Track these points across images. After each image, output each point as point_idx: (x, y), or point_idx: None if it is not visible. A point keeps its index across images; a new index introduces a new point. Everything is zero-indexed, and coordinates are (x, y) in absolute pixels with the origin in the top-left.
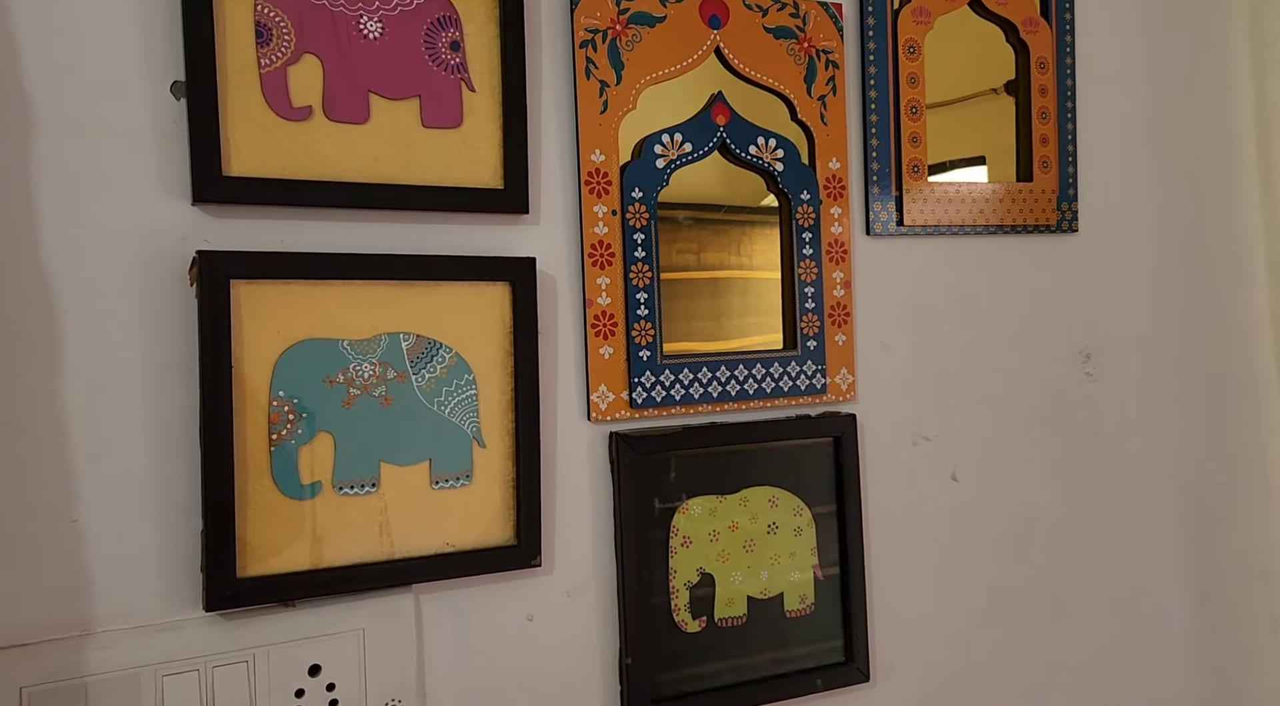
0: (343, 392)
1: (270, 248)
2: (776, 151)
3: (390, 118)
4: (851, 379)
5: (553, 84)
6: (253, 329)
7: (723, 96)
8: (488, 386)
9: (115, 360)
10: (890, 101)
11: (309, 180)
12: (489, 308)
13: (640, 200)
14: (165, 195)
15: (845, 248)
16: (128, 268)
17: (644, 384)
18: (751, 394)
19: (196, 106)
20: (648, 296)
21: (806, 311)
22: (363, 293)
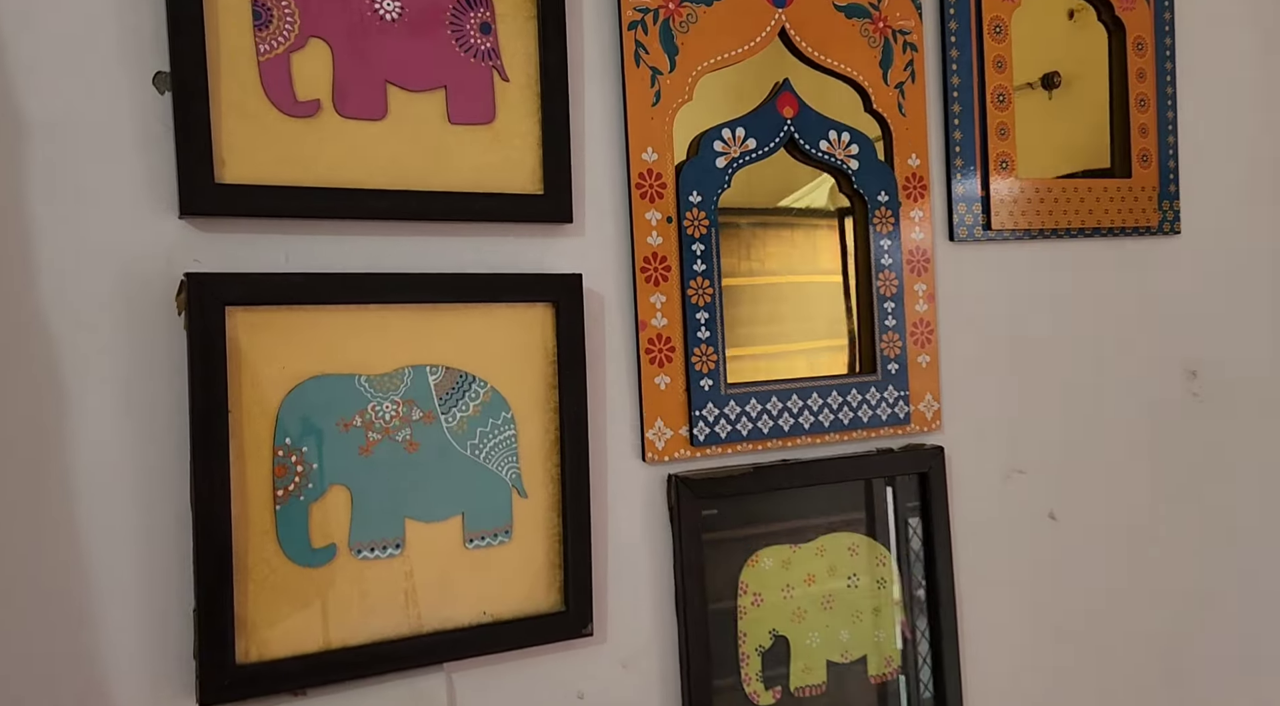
0: (360, 438)
1: (272, 267)
2: (850, 147)
3: (411, 113)
4: (937, 406)
5: (597, 72)
6: (253, 365)
7: (789, 85)
8: (528, 425)
9: (88, 406)
10: (974, 88)
11: (317, 187)
12: (528, 333)
13: (699, 205)
14: (147, 207)
15: (927, 256)
16: (102, 295)
17: (706, 418)
18: (827, 426)
19: (183, 102)
20: (709, 316)
21: (887, 329)
22: (382, 319)
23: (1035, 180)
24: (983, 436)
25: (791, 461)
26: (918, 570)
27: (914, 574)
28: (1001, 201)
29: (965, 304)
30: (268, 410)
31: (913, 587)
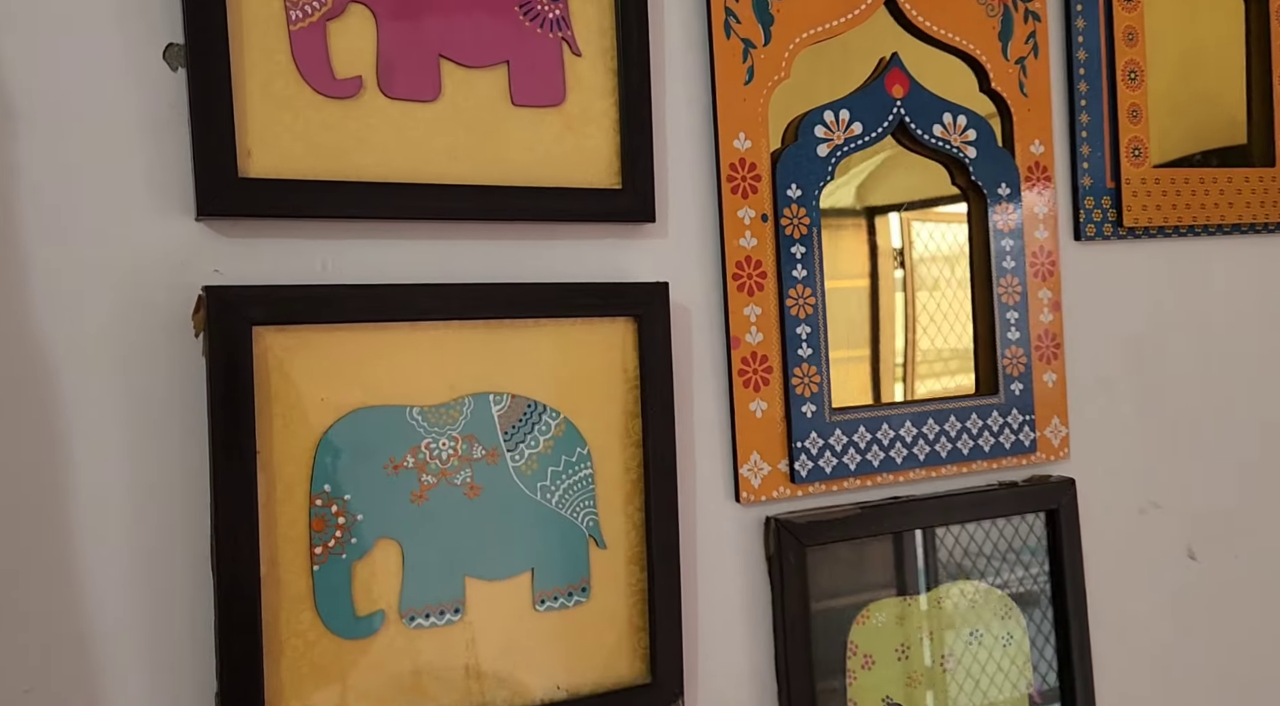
0: (412, 482)
1: (307, 278)
2: (967, 132)
3: (469, 93)
4: (1065, 431)
5: (681, 45)
6: (285, 396)
7: (899, 60)
8: (607, 462)
9: (88, 448)
10: (1103, 64)
11: (358, 182)
12: (606, 353)
13: (798, 200)
14: (157, 207)
15: (1053, 258)
16: (103, 314)
17: (809, 450)
18: (944, 457)
19: (200, 80)
20: (811, 330)
21: (1010, 343)
22: (437, 339)
23: (1174, 170)
24: (1115, 465)
25: (902, 499)
26: (1046, 622)
27: (1041, 627)
28: (1135, 194)
29: (1094, 313)
30: (303, 451)
31: (1041, 644)
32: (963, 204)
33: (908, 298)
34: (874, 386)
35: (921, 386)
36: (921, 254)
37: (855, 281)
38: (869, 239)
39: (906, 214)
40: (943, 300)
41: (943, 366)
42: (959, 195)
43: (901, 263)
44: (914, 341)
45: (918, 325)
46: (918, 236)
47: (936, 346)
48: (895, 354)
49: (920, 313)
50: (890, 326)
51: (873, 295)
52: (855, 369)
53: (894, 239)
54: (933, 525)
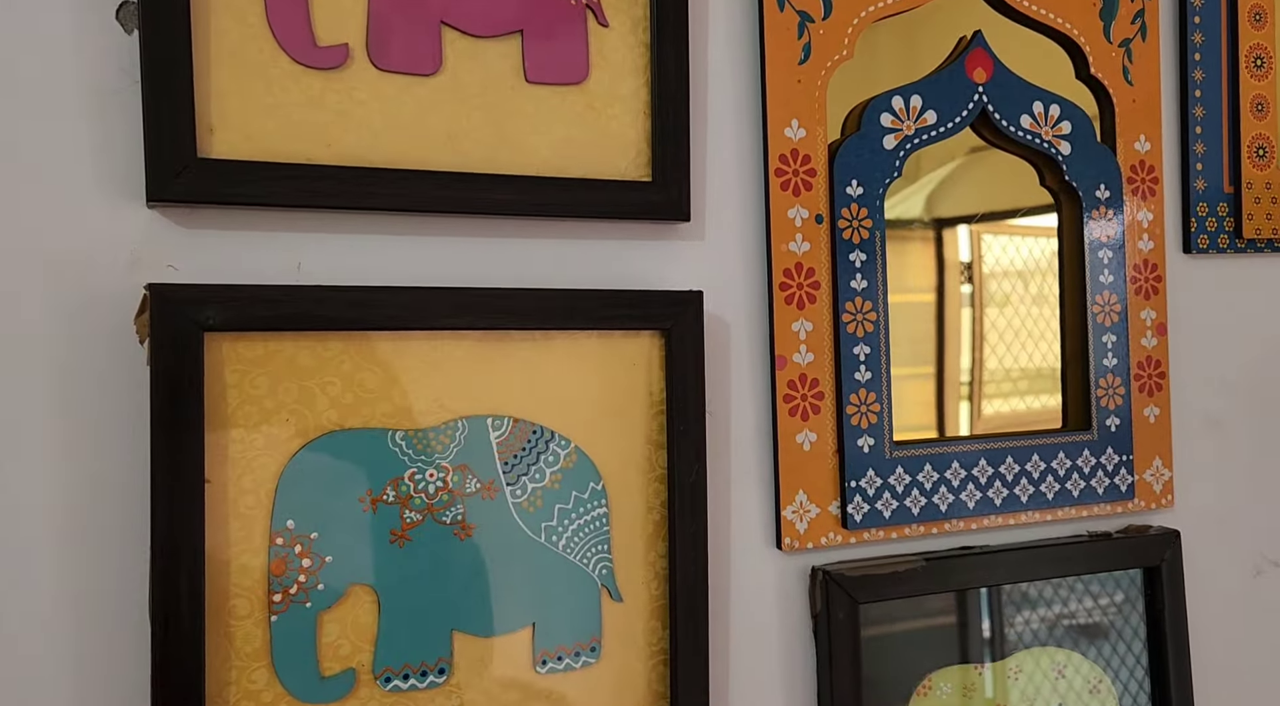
0: (393, 519)
1: (277, 277)
2: (1061, 124)
3: (474, 66)
4: (1168, 475)
5: (726, 16)
6: (243, 415)
7: (982, 39)
8: (625, 501)
9: (12, 473)
10: (1223, 51)
11: (342, 166)
12: (628, 372)
13: (859, 200)
14: (101, 190)
15: (1159, 273)
16: (36, 315)
17: (865, 490)
18: (1025, 502)
19: (156, 42)
20: (871, 351)
21: (1105, 371)
22: (427, 350)
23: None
24: (1226, 517)
25: (974, 550)
26: (1142, 698)
27: (1139, 700)
28: (1257, 201)
29: (1205, 338)
30: (263, 480)
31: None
32: (1044, 216)
33: (975, 314)
34: (938, 406)
35: (989, 406)
36: (992, 268)
37: (919, 295)
38: (935, 251)
39: (977, 226)
40: (1014, 317)
41: (1011, 387)
42: (1046, 205)
43: (970, 277)
44: (981, 360)
45: (985, 344)
46: (988, 250)
47: (1005, 366)
48: (961, 373)
49: (989, 330)
50: (955, 344)
51: (938, 311)
52: (918, 387)
53: (963, 252)
54: (1009, 581)
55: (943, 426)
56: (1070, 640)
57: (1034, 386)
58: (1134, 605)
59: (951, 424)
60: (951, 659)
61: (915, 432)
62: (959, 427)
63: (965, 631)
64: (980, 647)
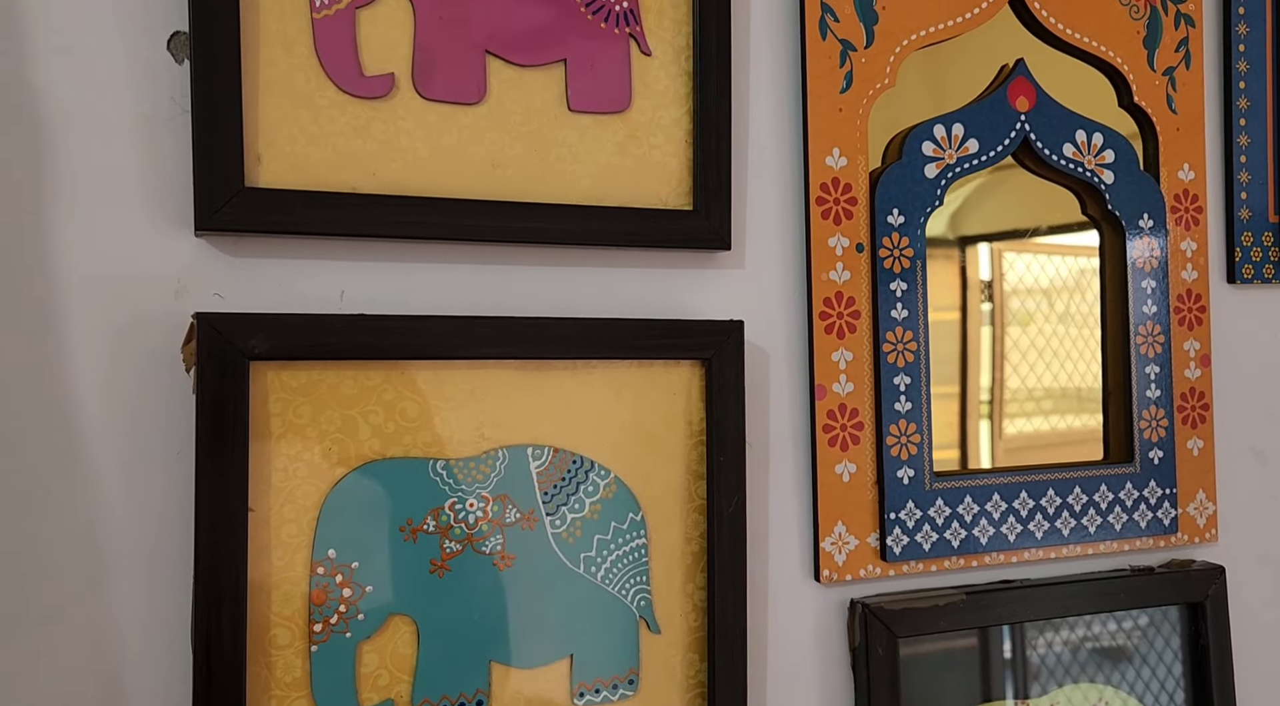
0: (433, 549)
1: (322, 306)
2: (1104, 153)
3: (518, 95)
4: (1212, 509)
5: (768, 45)
6: (287, 445)
7: (1024, 68)
8: (664, 531)
9: (61, 501)
10: (1269, 78)
11: (387, 195)
12: (668, 402)
13: (900, 229)
14: (150, 219)
15: (1202, 303)
16: (85, 342)
17: (904, 522)
18: (1067, 535)
19: (206, 73)
20: (912, 381)
21: (1148, 402)
22: (469, 380)
23: None
24: (1272, 552)
25: (1015, 584)
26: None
27: None
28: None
29: (1250, 369)
30: (305, 509)
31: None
32: (1071, 234)
33: (996, 332)
34: (960, 425)
35: (1010, 426)
36: (1015, 286)
37: (943, 314)
38: (960, 269)
39: (998, 245)
40: (1037, 336)
41: (1035, 406)
42: (1076, 223)
43: (990, 295)
44: (1001, 379)
45: (1006, 363)
46: (1010, 268)
47: (1029, 385)
48: (981, 391)
49: (1010, 349)
50: (977, 362)
51: (962, 329)
52: (942, 407)
53: (983, 270)
54: (1051, 616)
55: (965, 445)
56: (1111, 676)
57: (1059, 406)
58: (1176, 641)
59: (973, 443)
60: (991, 694)
61: (937, 452)
62: (979, 447)
63: (1005, 666)
64: (1020, 682)
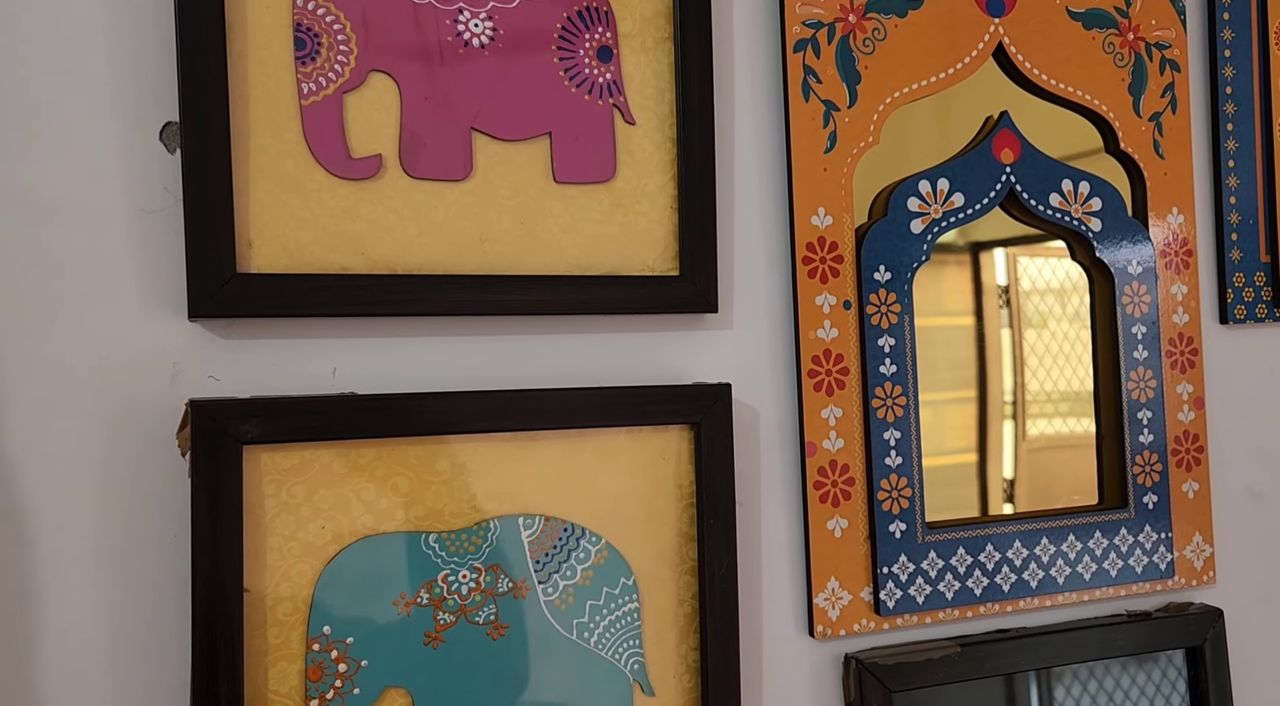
0: (426, 621)
1: (315, 383)
2: (1091, 201)
3: (505, 170)
4: (1209, 551)
5: (752, 109)
6: (281, 524)
7: (1009, 120)
8: (656, 594)
9: (59, 581)
10: (1257, 119)
11: (376, 275)
12: (658, 466)
13: (887, 285)
14: (144, 306)
15: (1194, 346)
16: (82, 425)
17: (897, 576)
18: (1062, 583)
19: (197, 162)
20: (901, 436)
21: (1141, 448)
22: (459, 453)
23: None
24: (1271, 593)
25: (1010, 633)
26: None
27: None
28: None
29: (1244, 410)
30: (300, 587)
31: None
32: None
33: (1015, 337)
34: (980, 428)
35: (1033, 427)
36: (1029, 289)
37: (958, 319)
38: (973, 274)
39: (1013, 249)
40: (1050, 341)
41: (1053, 408)
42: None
43: (1007, 301)
44: (1023, 383)
45: (1025, 368)
46: (1024, 272)
47: (1046, 389)
48: (1004, 394)
49: (1029, 354)
50: (997, 367)
51: (978, 334)
52: (960, 411)
53: (999, 275)
54: (1048, 665)
55: (984, 448)
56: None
57: (1075, 408)
58: (1181, 685)
59: (994, 446)
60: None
61: (957, 456)
62: (1002, 449)
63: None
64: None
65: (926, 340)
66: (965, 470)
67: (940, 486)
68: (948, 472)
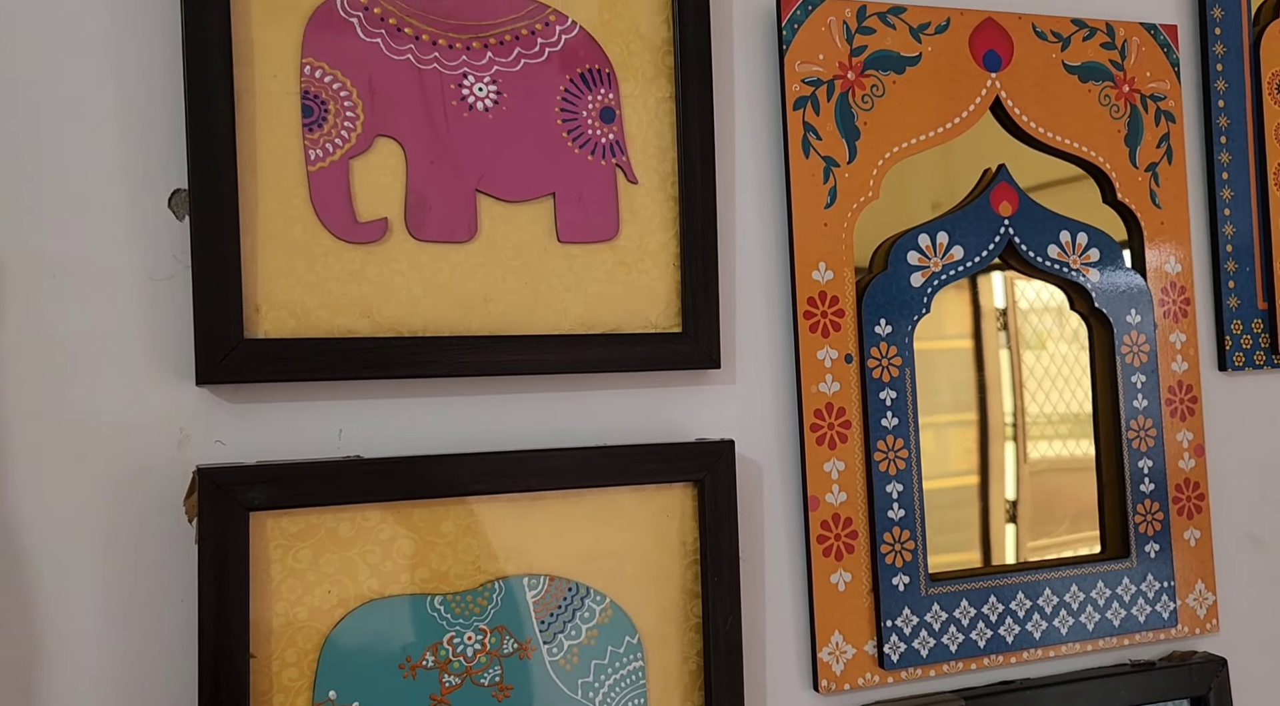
0: (432, 684)
1: (320, 449)
2: (1089, 252)
3: (509, 230)
4: (1212, 599)
5: (752, 166)
6: (287, 589)
7: (1006, 173)
8: (661, 652)
9: (68, 644)
10: (1251, 168)
11: (382, 337)
12: (661, 524)
13: (888, 338)
14: (157, 370)
15: (1194, 393)
16: (91, 491)
17: (901, 629)
18: (1065, 633)
19: (205, 229)
20: (904, 488)
21: (1143, 497)
22: (464, 515)
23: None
24: (1275, 640)
25: (1014, 684)
26: None
27: None
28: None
29: (1244, 457)
30: (306, 652)
31: None
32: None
33: (1013, 358)
34: (980, 451)
35: (1034, 450)
36: (1026, 309)
37: (957, 342)
38: (971, 298)
39: (1009, 272)
40: (1049, 362)
41: (1053, 430)
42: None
43: (1004, 324)
44: (1022, 406)
45: (1024, 391)
46: (1021, 294)
47: (1045, 412)
48: (1005, 415)
49: (1027, 378)
50: (998, 388)
51: (976, 356)
52: (960, 433)
53: (997, 298)
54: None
55: (985, 470)
56: None
57: (1074, 430)
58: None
59: (996, 468)
60: None
61: (959, 479)
62: (1004, 471)
63: None
64: None
65: (928, 363)
66: (967, 492)
67: (944, 509)
68: (950, 495)
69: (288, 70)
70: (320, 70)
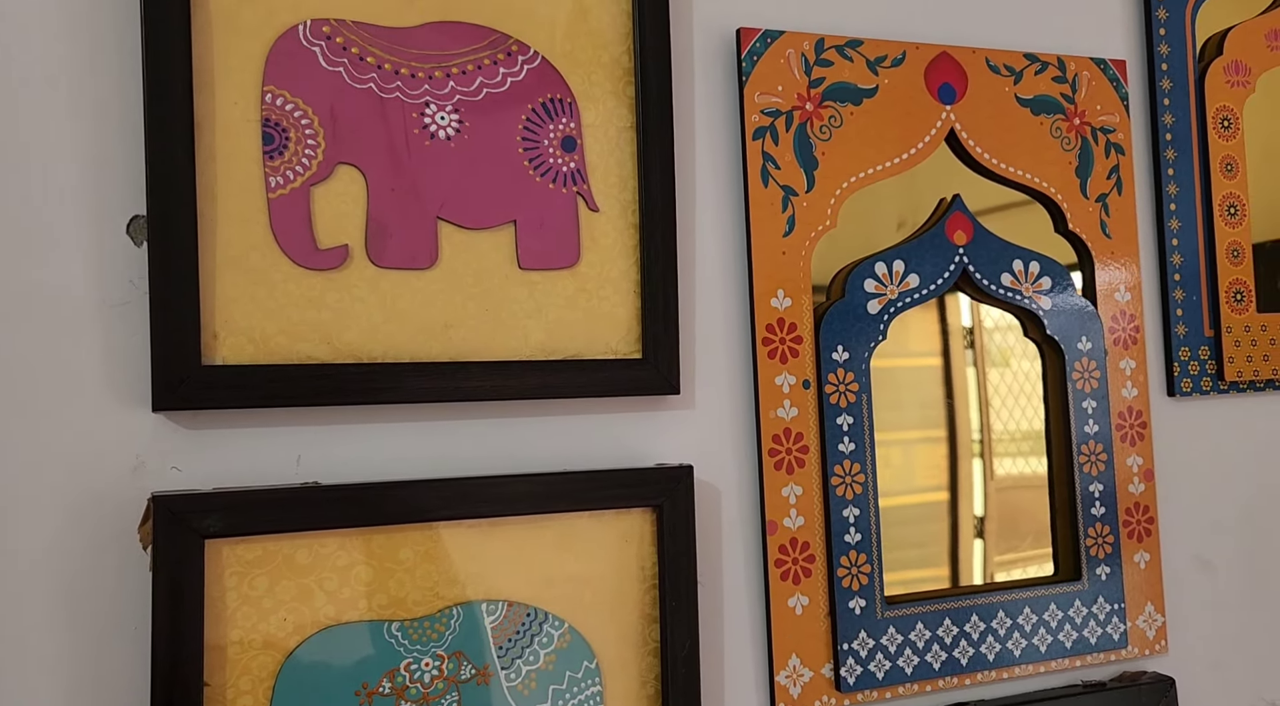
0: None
1: (276, 477)
2: (1041, 280)
3: (470, 257)
4: (1161, 620)
5: (712, 194)
6: (242, 617)
7: (961, 203)
8: (619, 677)
9: (14, 678)
10: (1197, 199)
11: (341, 364)
12: (620, 550)
13: (845, 364)
14: (112, 397)
15: (1143, 419)
16: (43, 519)
17: (857, 652)
18: (1018, 656)
19: (163, 256)
20: (860, 512)
21: (1094, 520)
22: (422, 540)
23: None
24: (1221, 660)
25: (971, 703)
26: None
27: None
28: (1237, 344)
29: (1192, 481)
30: (261, 680)
31: None
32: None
33: (979, 376)
34: (950, 468)
35: (999, 466)
36: (991, 327)
37: (925, 360)
38: (939, 316)
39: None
40: (1014, 380)
41: (1016, 447)
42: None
43: (971, 342)
44: (988, 423)
45: (990, 409)
46: (987, 314)
47: (1009, 429)
48: (972, 432)
49: (992, 395)
50: (965, 405)
51: (945, 374)
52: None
53: (964, 317)
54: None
55: (955, 487)
56: None
57: (1036, 448)
58: None
59: (965, 484)
60: None
61: (928, 495)
62: (973, 487)
63: None
64: None
65: (895, 381)
66: (936, 508)
67: (912, 524)
68: (919, 510)
69: (249, 98)
70: (281, 98)
